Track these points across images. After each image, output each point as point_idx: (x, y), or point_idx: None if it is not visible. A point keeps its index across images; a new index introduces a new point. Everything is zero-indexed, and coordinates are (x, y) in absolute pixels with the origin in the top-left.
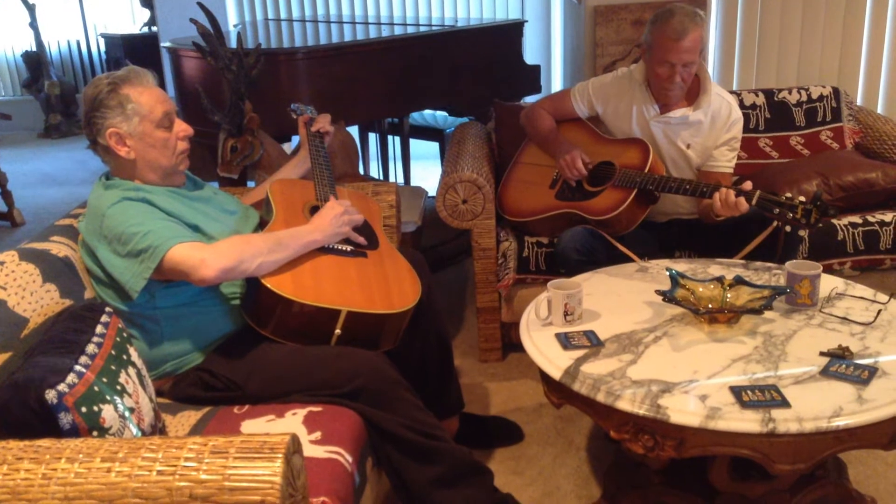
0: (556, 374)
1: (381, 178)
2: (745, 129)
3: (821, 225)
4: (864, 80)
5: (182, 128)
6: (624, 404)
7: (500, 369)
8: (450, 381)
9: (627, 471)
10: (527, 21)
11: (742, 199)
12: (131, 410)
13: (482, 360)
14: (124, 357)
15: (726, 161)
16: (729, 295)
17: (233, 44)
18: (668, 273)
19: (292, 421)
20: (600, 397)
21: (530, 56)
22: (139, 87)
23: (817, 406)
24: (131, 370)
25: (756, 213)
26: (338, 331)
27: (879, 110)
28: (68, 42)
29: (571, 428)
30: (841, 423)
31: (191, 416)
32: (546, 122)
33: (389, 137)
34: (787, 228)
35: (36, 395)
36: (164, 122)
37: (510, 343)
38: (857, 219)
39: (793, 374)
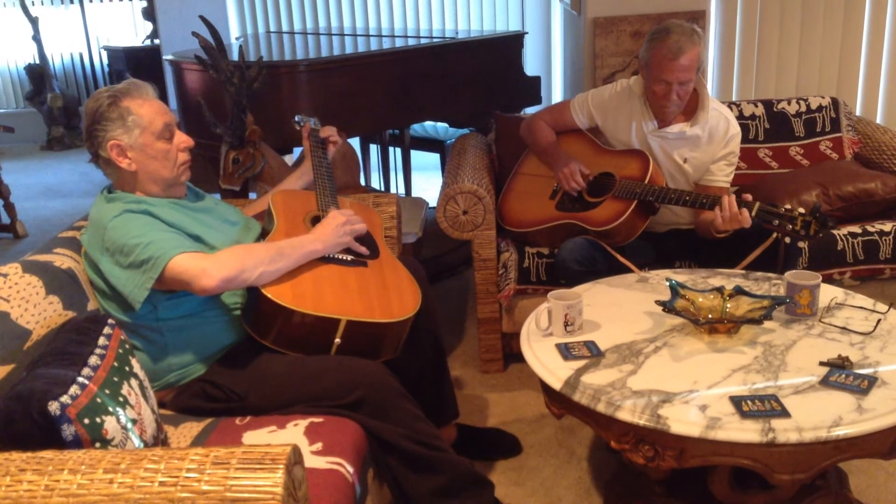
0: (556, 384)
1: (383, 189)
2: (745, 139)
3: (821, 236)
4: (863, 91)
5: (182, 139)
6: (624, 415)
7: (501, 380)
8: (445, 390)
9: (629, 481)
10: (527, 33)
11: (745, 212)
12: (134, 422)
13: (483, 370)
14: (127, 369)
15: (724, 176)
16: (729, 305)
17: (234, 56)
18: (667, 283)
19: (294, 432)
20: (601, 408)
21: (531, 67)
22: (139, 99)
23: (817, 416)
24: (133, 382)
25: (756, 225)
26: (337, 340)
27: (878, 120)
28: (71, 55)
29: (573, 439)
30: (840, 432)
31: (193, 428)
32: (546, 135)
33: (391, 148)
34: (787, 240)
35: (39, 407)
36: (165, 133)
37: (511, 354)
38: (856, 229)
39: (792, 384)
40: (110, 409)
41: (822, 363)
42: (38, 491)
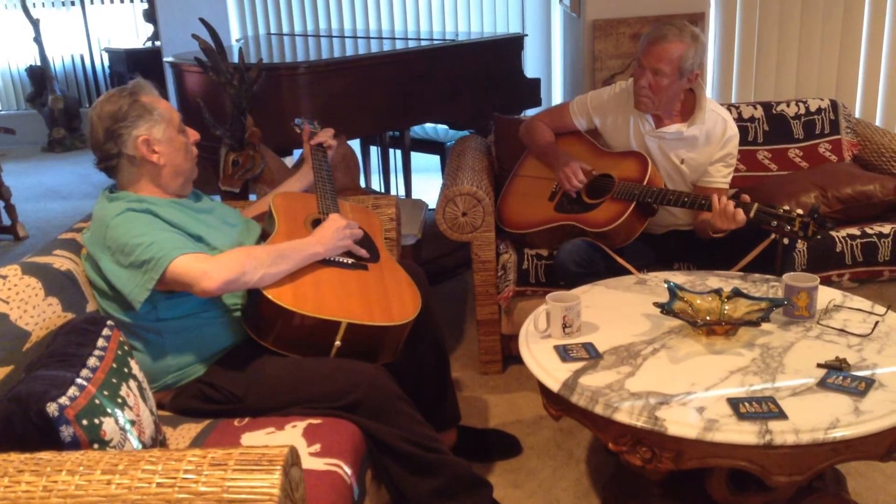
0: (554, 386)
1: (383, 190)
2: (744, 141)
3: (819, 237)
4: (862, 93)
5: (193, 133)
6: (622, 416)
7: (500, 382)
8: (446, 394)
9: (627, 483)
10: (527, 35)
11: (740, 211)
12: (132, 423)
13: (482, 372)
14: (125, 370)
15: (721, 177)
16: (727, 307)
17: (234, 59)
18: (666, 285)
19: (292, 433)
20: (598, 409)
21: (531, 69)
22: (153, 95)
23: (814, 418)
24: (132, 383)
25: (754, 225)
26: (337, 342)
27: (877, 122)
28: (72, 57)
29: (571, 440)
30: (837, 434)
31: (191, 429)
32: (545, 136)
33: (391, 150)
34: (785, 241)
35: (37, 408)
36: (181, 127)
37: (510, 355)
38: (855, 231)
39: (790, 386)
40: (109, 410)
41: (819, 365)
42: (35, 492)
